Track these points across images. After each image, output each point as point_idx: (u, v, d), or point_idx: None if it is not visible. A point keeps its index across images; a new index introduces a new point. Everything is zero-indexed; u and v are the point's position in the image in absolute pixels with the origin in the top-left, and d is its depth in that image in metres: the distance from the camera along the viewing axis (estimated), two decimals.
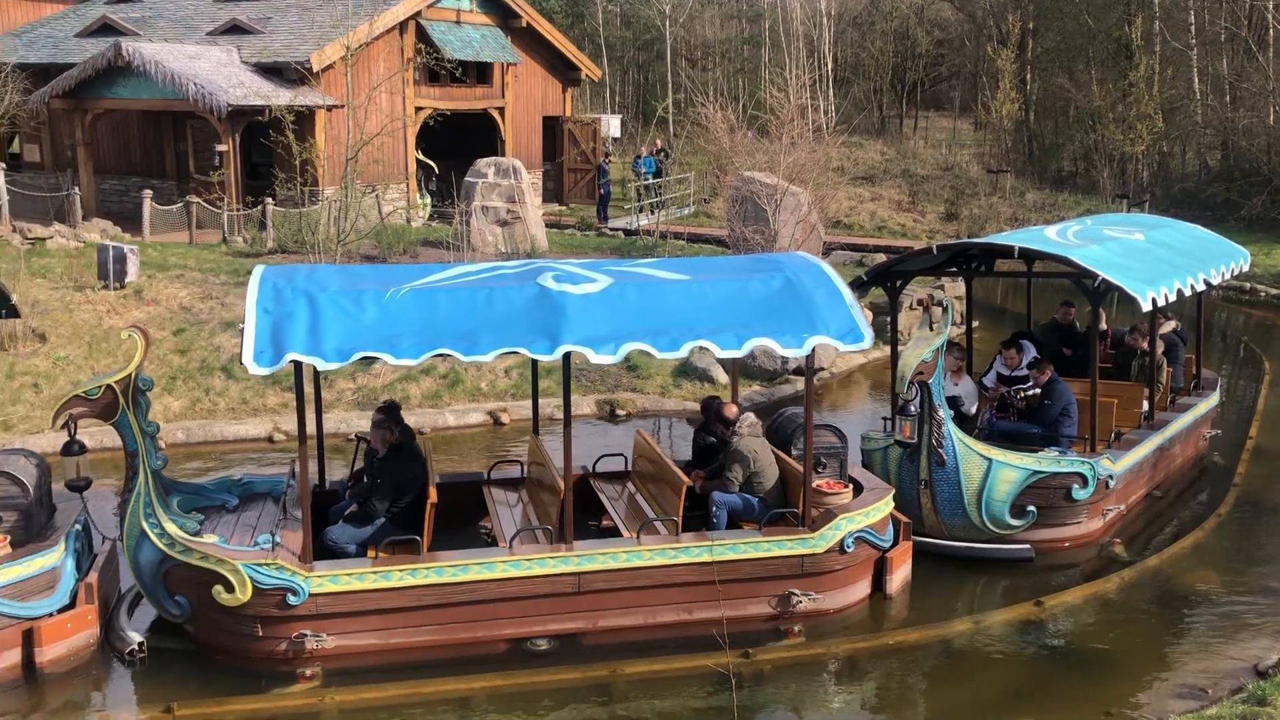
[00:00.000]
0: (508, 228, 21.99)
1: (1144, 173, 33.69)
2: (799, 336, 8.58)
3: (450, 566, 8.34)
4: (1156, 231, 13.05)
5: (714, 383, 15.67)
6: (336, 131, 23.17)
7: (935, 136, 46.13)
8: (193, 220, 21.95)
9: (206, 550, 8.11)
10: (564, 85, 31.57)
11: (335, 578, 8.18)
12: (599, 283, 8.68)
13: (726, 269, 9.53)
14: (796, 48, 40.58)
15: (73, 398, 8.12)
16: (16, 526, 8.34)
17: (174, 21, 27.44)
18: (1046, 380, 11.09)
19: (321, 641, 8.22)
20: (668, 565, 8.63)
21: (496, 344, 8.15)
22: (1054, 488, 10.17)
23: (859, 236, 27.75)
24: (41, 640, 8.12)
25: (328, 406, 14.34)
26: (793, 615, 8.93)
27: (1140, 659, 8.54)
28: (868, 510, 9.17)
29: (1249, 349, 19.45)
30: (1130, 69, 33.60)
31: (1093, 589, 9.71)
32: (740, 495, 9.41)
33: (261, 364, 7.78)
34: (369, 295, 8.26)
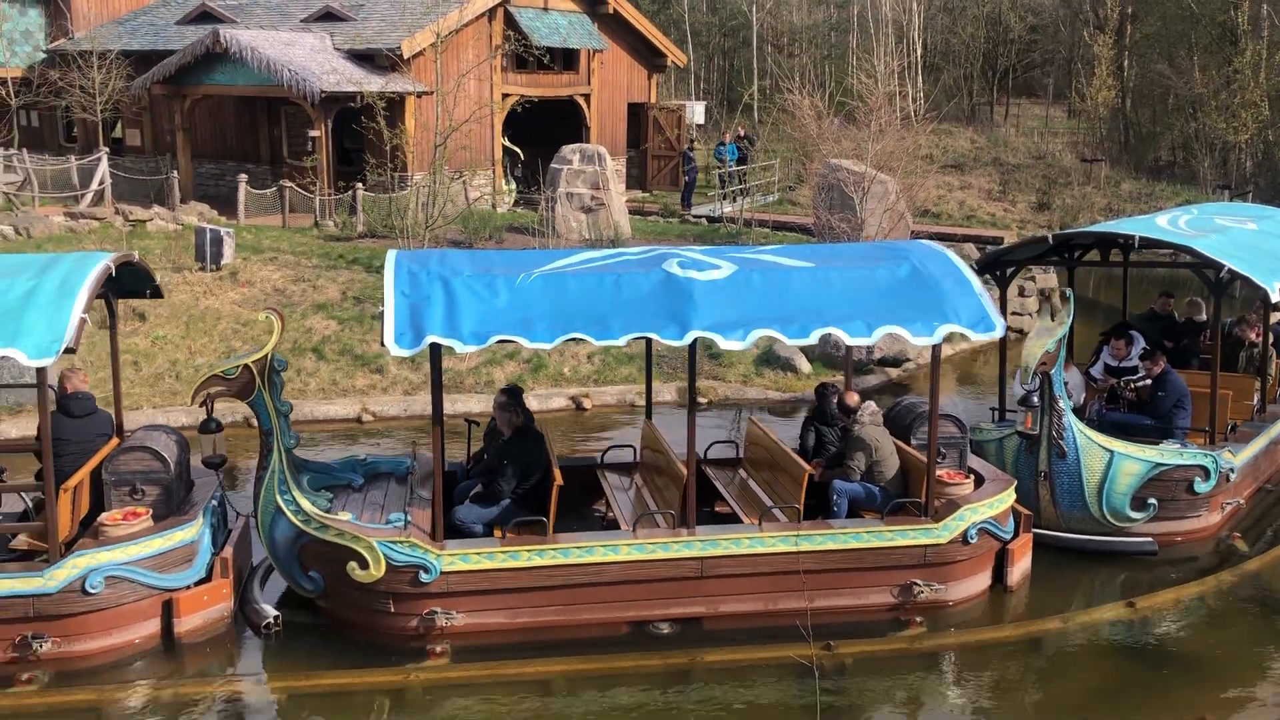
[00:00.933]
0: (591, 214, 22.08)
1: (1247, 163, 32.54)
2: (930, 325, 8.56)
3: (576, 548, 8.47)
4: (1269, 222, 12.80)
5: (797, 372, 15.57)
6: (425, 118, 23.47)
7: (1027, 124, 45.10)
8: (285, 204, 22.43)
9: (342, 527, 8.32)
10: (649, 72, 31.53)
11: (466, 556, 8.35)
12: (724, 269, 8.75)
13: (850, 256, 9.50)
14: (885, 33, 39.94)
15: (211, 377, 8.38)
16: (158, 501, 8.59)
17: (269, 9, 28.01)
18: (1160, 372, 10.89)
19: (451, 619, 8.40)
20: (790, 552, 8.66)
21: (627, 329, 8.25)
22: (1176, 480, 10.07)
23: (947, 226, 27.26)
24: (180, 611, 8.38)
25: (415, 389, 14.60)
26: (914, 606, 8.93)
27: (1236, 665, 8.30)
28: (991, 501, 9.14)
29: None
30: (1235, 55, 32.44)
31: (1188, 590, 9.45)
32: (862, 484, 9.38)
33: (402, 346, 7.95)
34: (501, 280, 8.43)
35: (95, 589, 7.99)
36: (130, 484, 8.55)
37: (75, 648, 8.10)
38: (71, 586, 7.94)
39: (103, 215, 21.32)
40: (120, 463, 8.58)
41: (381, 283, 15.36)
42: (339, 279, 17.15)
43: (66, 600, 7.96)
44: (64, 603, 7.96)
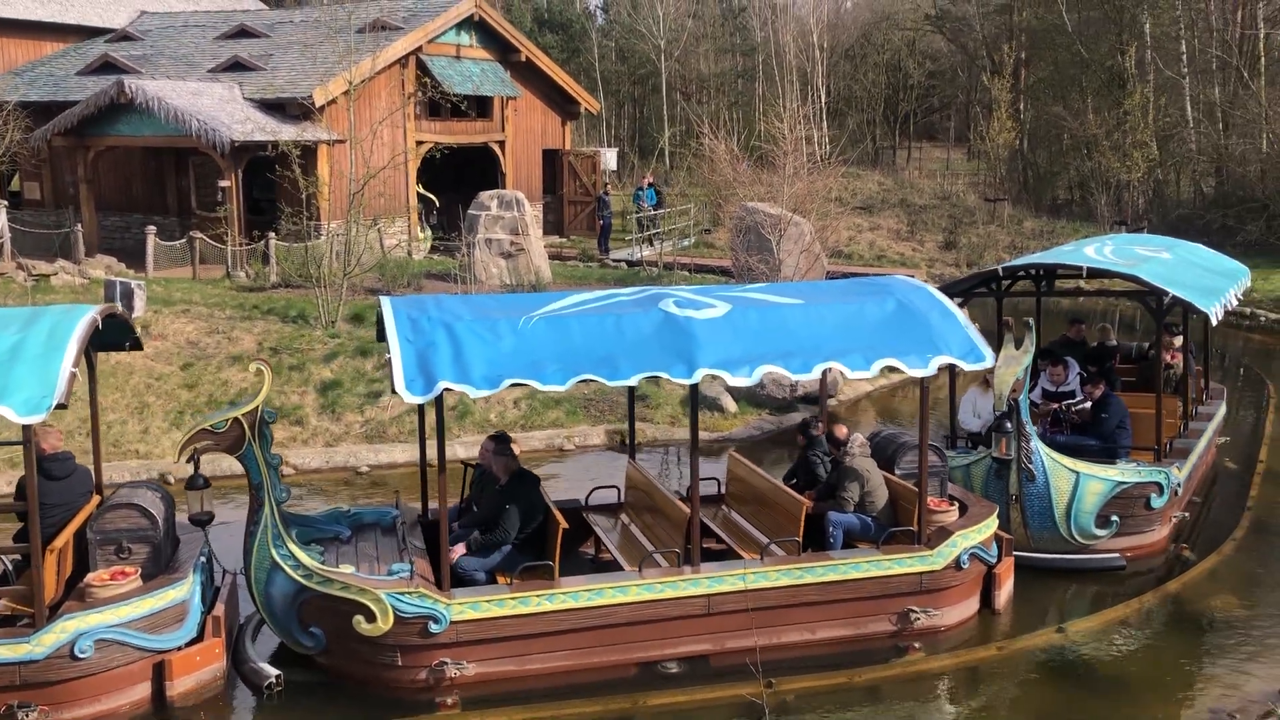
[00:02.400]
0: (511, 260, 22.04)
1: (1140, 200, 33.92)
2: (924, 357, 8.83)
3: (585, 591, 8.41)
4: (1179, 250, 13.57)
5: (724, 412, 15.67)
6: (339, 166, 23.24)
7: (929, 166, 46.46)
8: (196, 256, 21.96)
9: (347, 580, 8.13)
10: (563, 119, 31.75)
11: (476, 605, 8.21)
12: (719, 308, 8.89)
13: (835, 293, 9.71)
14: (790, 80, 40.89)
15: (199, 431, 8.13)
16: (146, 560, 8.30)
17: (175, 59, 27.58)
18: (1100, 395, 11.34)
19: (462, 669, 8.25)
20: (794, 585, 8.77)
21: (637, 369, 8.32)
22: (1135, 497, 10.52)
23: (859, 266, 27.84)
24: (172, 673, 8.09)
25: (336, 440, 14.33)
26: (911, 632, 9.08)
27: (1165, 683, 8.50)
28: (980, 527, 9.39)
29: (1251, 373, 19.51)
30: (1124, 97, 33.91)
31: (1115, 614, 9.67)
32: (856, 515, 9.55)
33: (415, 393, 7.85)
34: (503, 324, 8.41)
35: (85, 653, 7.68)
36: (116, 543, 8.26)
37: (63, 715, 7.77)
38: (60, 651, 7.63)
39: (3, 270, 20.61)
40: (106, 521, 8.29)
41: (299, 333, 15.08)
42: (254, 330, 16.82)
43: (54, 666, 7.64)
44: (52, 668, 7.64)
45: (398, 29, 25.90)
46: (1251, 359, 20.73)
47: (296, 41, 26.54)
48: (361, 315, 17.62)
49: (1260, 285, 25.46)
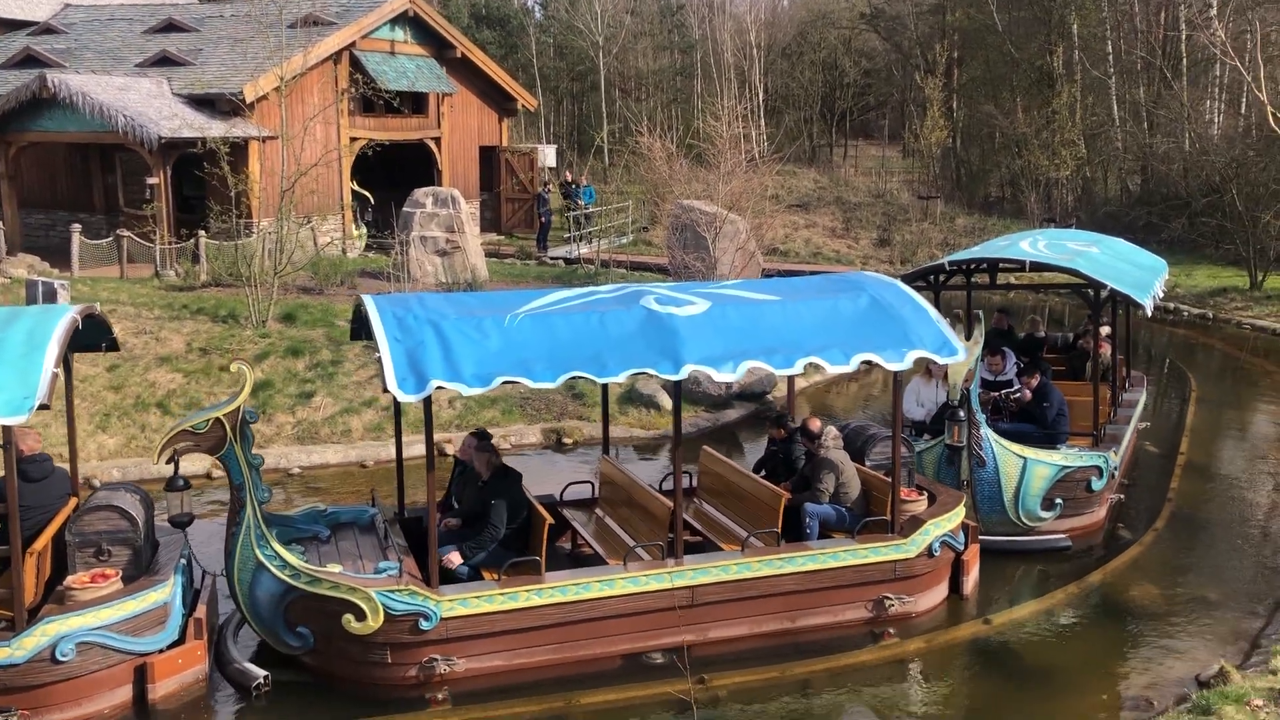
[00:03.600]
0: (447, 258, 21.90)
1: (1068, 197, 34.61)
2: (899, 351, 9.08)
3: (573, 585, 8.52)
4: (1106, 244, 14.15)
5: (660, 409, 15.72)
6: (271, 163, 22.92)
7: (864, 164, 46.97)
8: (123, 254, 21.52)
9: (337, 579, 8.11)
10: (500, 115, 31.60)
11: (465, 601, 8.26)
12: (699, 305, 9.02)
13: (809, 289, 9.90)
14: (728, 78, 41.09)
15: (180, 432, 8.02)
16: (126, 562, 8.22)
17: (101, 53, 26.98)
18: (1038, 384, 11.78)
19: (452, 665, 8.30)
20: (774, 575, 8.98)
21: (625, 365, 8.42)
22: (1078, 480, 11.03)
23: (795, 263, 28.07)
24: (154, 676, 8.01)
25: (267, 441, 14.14)
26: (886, 618, 9.35)
27: (1087, 673, 8.69)
28: (950, 515, 9.71)
29: (1174, 366, 20.01)
30: (1053, 97, 34.57)
31: (1039, 605, 9.88)
32: (832, 506, 9.80)
33: (407, 391, 7.85)
34: (489, 322, 8.46)
35: (66, 656, 7.60)
36: (96, 545, 8.15)
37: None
38: (41, 655, 7.55)
39: None
40: (85, 523, 8.18)
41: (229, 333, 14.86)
42: (183, 330, 16.52)
43: (35, 669, 7.56)
44: (32, 672, 7.56)
45: (331, 24, 25.60)
46: (1174, 353, 21.26)
47: (226, 36, 26.12)
48: (293, 315, 17.40)
49: (1183, 281, 26.14)
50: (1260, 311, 23.86)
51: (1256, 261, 25.46)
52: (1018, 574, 10.54)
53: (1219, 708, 7.38)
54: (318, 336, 16.52)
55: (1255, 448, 14.73)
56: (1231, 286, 25.59)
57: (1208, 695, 7.62)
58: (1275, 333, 22.42)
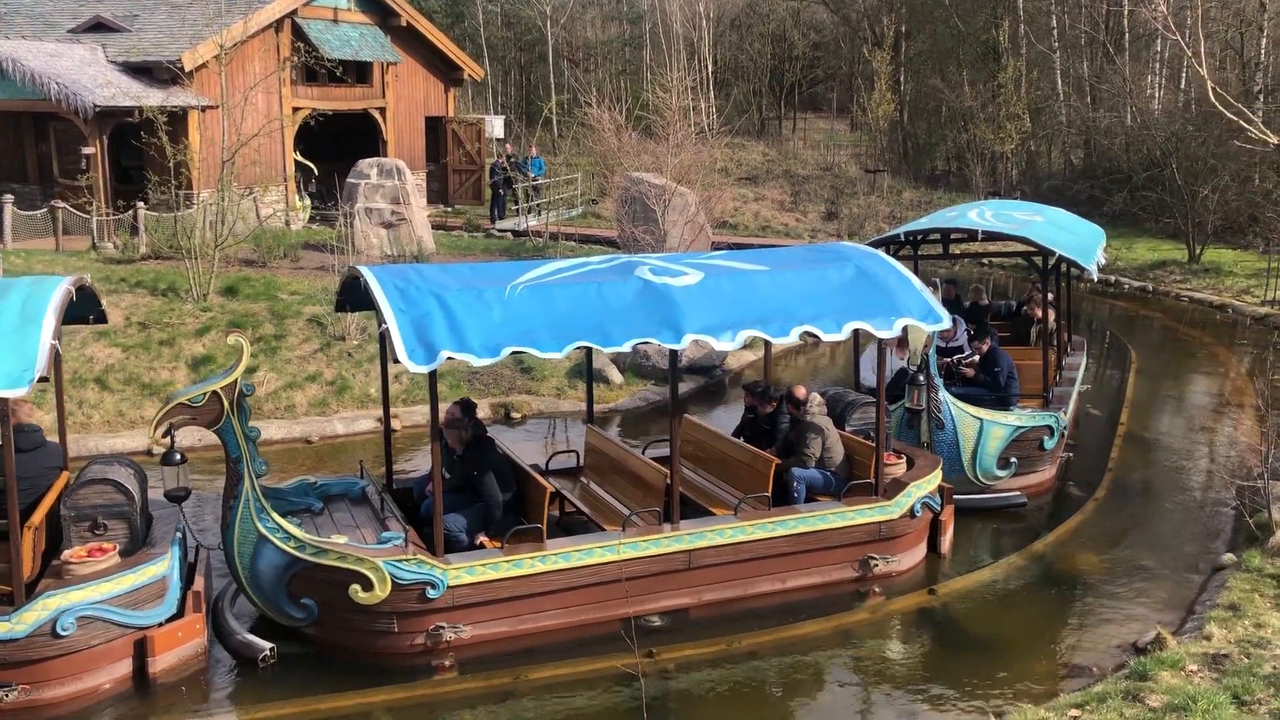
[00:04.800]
0: (392, 230, 21.63)
1: (1013, 171, 34.96)
2: (888, 319, 9.38)
3: (575, 551, 8.66)
4: (1049, 214, 14.61)
5: (609, 383, 15.68)
6: (211, 133, 22.43)
7: (813, 138, 47.06)
8: (59, 226, 20.97)
9: (343, 550, 8.13)
10: (446, 85, 31.18)
11: (471, 569, 8.34)
12: (692, 275, 9.18)
13: (796, 260, 10.10)
14: (677, 49, 40.90)
15: (176, 405, 7.92)
16: (122, 536, 8.16)
17: (31, 18, 26.19)
18: (988, 350, 12.22)
19: (459, 632, 8.38)
20: (767, 538, 9.25)
21: (628, 335, 8.55)
22: (1030, 440, 11.55)
23: (744, 236, 28.10)
24: (154, 650, 7.99)
25: None
26: (871, 578, 9.69)
27: (1030, 641, 8.84)
28: (929, 478, 10.11)
29: (1114, 339, 20.35)
30: (998, 70, 34.84)
31: (982, 576, 10.03)
32: (819, 470, 10.05)
33: (417, 362, 7.90)
34: (490, 293, 8.52)
35: (66, 631, 7.56)
36: (91, 519, 8.09)
37: (44, 694, 7.61)
38: (41, 629, 7.50)
39: None
40: (80, 497, 8.10)
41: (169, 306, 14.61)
42: (122, 303, 16.16)
43: (35, 644, 7.51)
44: (33, 647, 7.50)
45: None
46: (1115, 326, 21.62)
47: (164, 2, 25.47)
48: (235, 288, 17.09)
49: (1123, 254, 26.57)
50: (1198, 284, 24.32)
51: (1194, 235, 25.93)
52: (974, 532, 10.94)
53: (1155, 673, 7.53)
54: (260, 310, 16.26)
55: (1192, 418, 15.04)
56: (1170, 260, 26.04)
57: (1144, 661, 7.78)
58: (1212, 305, 22.87)
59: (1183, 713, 6.90)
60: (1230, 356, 18.82)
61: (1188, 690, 7.17)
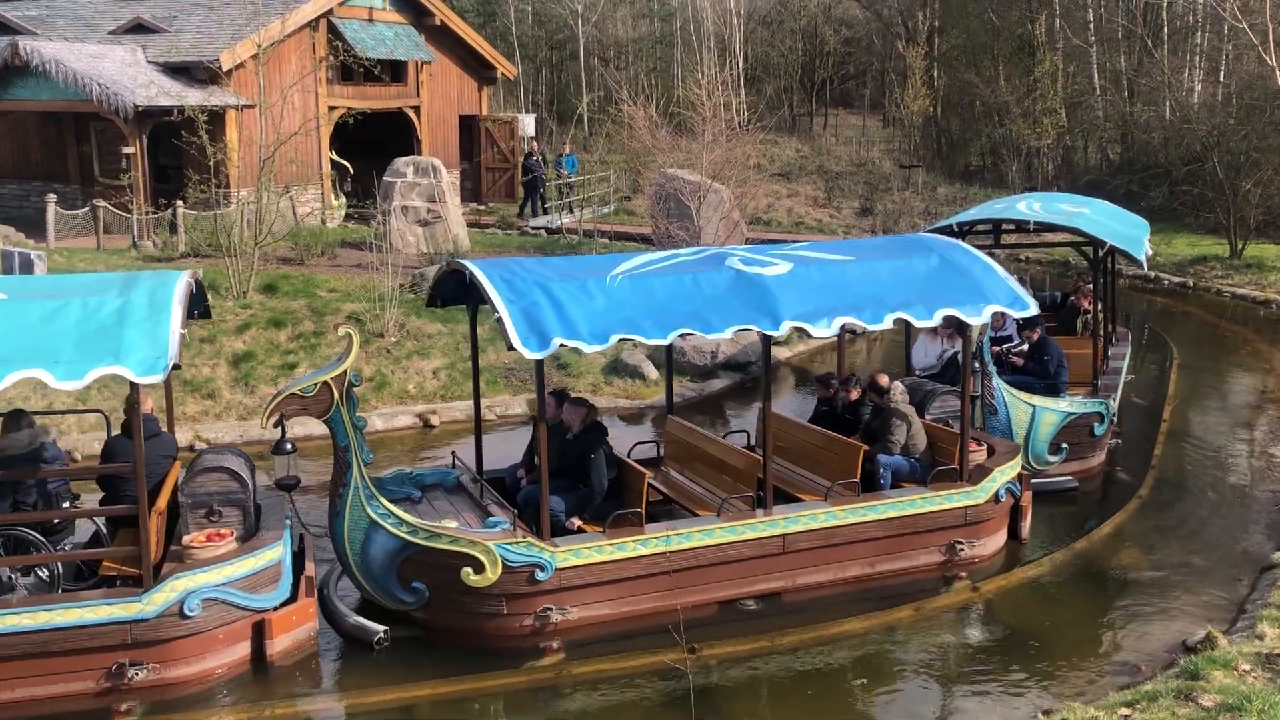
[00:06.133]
0: (428, 227, 21.72)
1: (1049, 166, 34.62)
2: (977, 306, 9.58)
3: (675, 535, 8.87)
4: (1094, 206, 14.66)
5: (645, 379, 15.69)
6: (249, 132, 22.62)
7: (844, 134, 46.80)
8: (99, 225, 21.21)
9: (456, 534, 8.38)
10: (479, 84, 31.27)
11: (578, 551, 8.57)
12: (781, 265, 9.39)
13: (879, 250, 10.31)
14: (708, 46, 40.79)
15: (288, 396, 8.15)
16: (235, 522, 8.42)
17: (73, 20, 26.50)
18: (1038, 338, 12.34)
19: (565, 614, 8.60)
20: (858, 523, 9.44)
21: (727, 322, 8.76)
22: (1081, 426, 11.76)
23: (778, 233, 27.98)
24: (272, 632, 8.22)
25: (250, 413, 14.02)
26: (956, 563, 9.86)
27: (1075, 639, 8.75)
28: (1012, 464, 10.29)
29: (1155, 334, 20.12)
30: (1034, 65, 34.49)
31: (1025, 573, 9.95)
32: (904, 457, 10.17)
33: (531, 349, 8.20)
34: (591, 283, 8.80)
35: (193, 612, 7.85)
36: (207, 506, 8.37)
37: (170, 674, 7.87)
38: (169, 610, 7.78)
39: None
40: (197, 484, 8.40)
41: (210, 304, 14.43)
42: None
43: (164, 624, 7.79)
44: (161, 627, 7.78)
45: None
46: (1155, 321, 21.37)
47: (202, 3, 25.69)
48: (274, 286, 17.23)
49: (1163, 249, 26.24)
50: (1239, 280, 24.00)
51: (1236, 230, 25.56)
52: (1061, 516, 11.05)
53: (1206, 672, 7.44)
54: (299, 307, 16.38)
55: (1236, 415, 14.85)
56: (1211, 255, 25.70)
57: (1195, 660, 7.68)
58: (1254, 300, 22.56)
59: (1237, 712, 6.81)
60: (1273, 352, 18.55)
61: (1241, 690, 7.08)
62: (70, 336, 7.49)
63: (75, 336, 7.50)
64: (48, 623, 7.53)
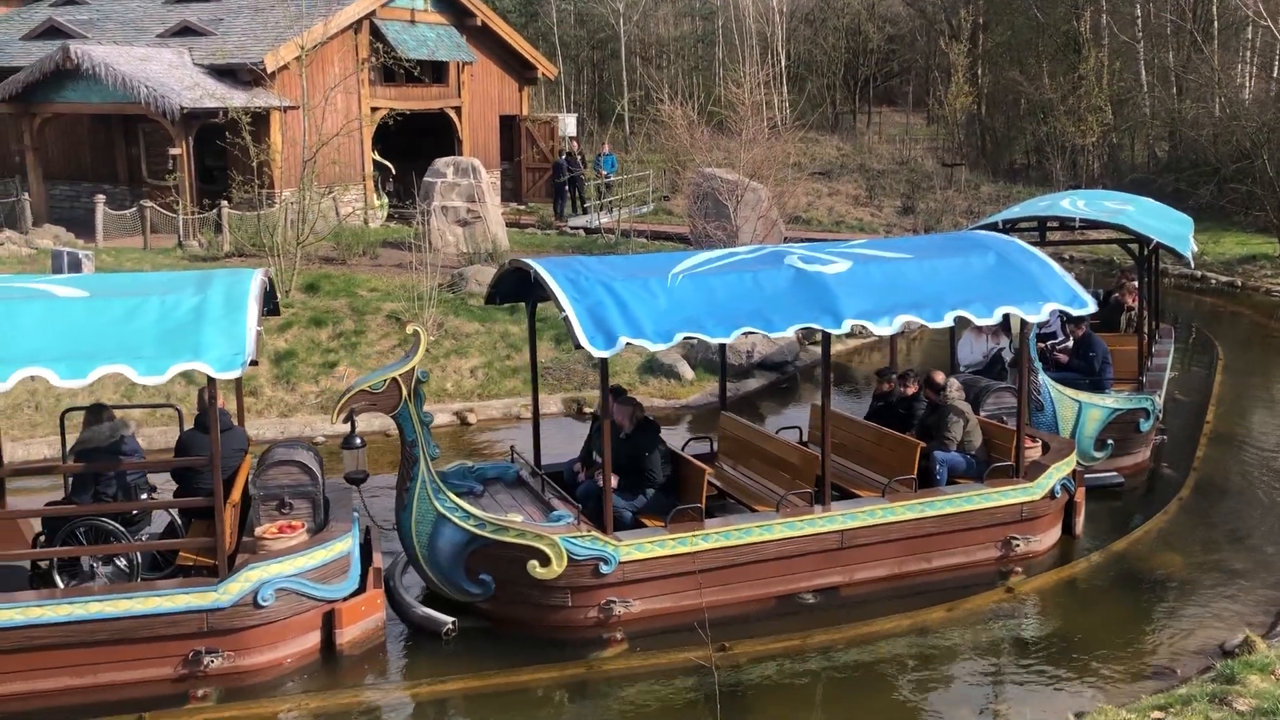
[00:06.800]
0: (468, 227, 21.89)
1: (1095, 164, 34.17)
2: (1035, 304, 9.60)
3: (735, 530, 9.00)
4: (1138, 204, 14.58)
5: (680, 379, 15.71)
6: (292, 133, 22.91)
7: (888, 132, 46.50)
8: (147, 225, 21.60)
9: (523, 528, 8.56)
10: (520, 84, 31.44)
11: (640, 545, 8.70)
12: (840, 264, 9.42)
13: (935, 248, 10.31)
14: (750, 45, 40.71)
15: (358, 392, 8.39)
16: (306, 514, 8.61)
17: (123, 24, 26.99)
18: (1083, 335, 12.38)
19: (628, 607, 8.72)
20: (916, 519, 9.52)
21: (789, 320, 8.83)
22: (1127, 422, 11.81)
23: (818, 232, 27.86)
24: (341, 622, 8.40)
25: (291, 410, 14.22)
26: (1012, 558, 9.91)
27: (1109, 641, 8.66)
28: (1067, 460, 10.31)
29: (1201, 335, 19.80)
30: (1079, 62, 34.06)
31: (1061, 574, 9.86)
32: (960, 453, 10.24)
33: (598, 347, 8.31)
34: (654, 282, 8.86)
35: (267, 601, 8.04)
36: (279, 498, 8.57)
37: (244, 662, 8.07)
38: (244, 600, 7.98)
39: None
40: (269, 477, 8.59)
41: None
42: None
43: (239, 613, 7.99)
44: (236, 616, 7.98)
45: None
46: (1202, 321, 21.03)
47: (247, 5, 26.05)
48: (316, 285, 17.45)
49: (1211, 248, 25.82)
50: None
51: None
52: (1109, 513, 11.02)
53: (1243, 676, 7.33)
54: (340, 306, 16.58)
55: None
56: (1260, 254, 25.25)
57: (1232, 664, 7.58)
58: None
59: (1271, 717, 6.71)
60: None
61: (1277, 694, 6.97)
62: (150, 333, 7.73)
63: (155, 333, 7.73)
64: (128, 610, 7.78)
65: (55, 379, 7.37)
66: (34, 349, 7.47)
